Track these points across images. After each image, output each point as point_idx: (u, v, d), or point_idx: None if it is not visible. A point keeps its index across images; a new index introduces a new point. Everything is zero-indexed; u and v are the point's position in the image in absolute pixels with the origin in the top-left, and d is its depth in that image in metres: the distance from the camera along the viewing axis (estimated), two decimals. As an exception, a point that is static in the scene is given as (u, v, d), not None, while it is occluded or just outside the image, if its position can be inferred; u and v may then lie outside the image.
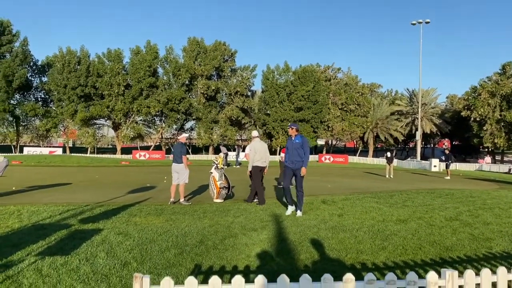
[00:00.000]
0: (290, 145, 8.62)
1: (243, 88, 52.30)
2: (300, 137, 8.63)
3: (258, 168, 10.14)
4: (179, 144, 10.75)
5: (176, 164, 10.39)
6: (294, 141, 8.59)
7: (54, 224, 7.15)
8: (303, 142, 8.56)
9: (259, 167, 10.12)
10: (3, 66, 41.70)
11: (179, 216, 8.18)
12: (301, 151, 8.50)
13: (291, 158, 8.57)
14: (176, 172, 10.39)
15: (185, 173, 10.44)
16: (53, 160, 30.54)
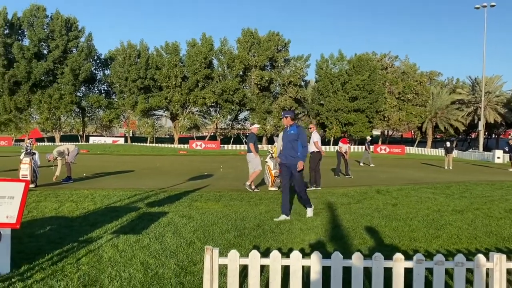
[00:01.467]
0: (285, 138, 7.50)
1: (297, 78, 52.19)
2: (295, 128, 7.34)
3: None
4: (250, 134, 11.23)
5: (248, 154, 10.84)
6: (289, 132, 7.37)
7: (124, 207, 7.83)
8: (299, 133, 7.25)
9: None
10: (70, 61, 44.53)
11: (236, 202, 8.62)
12: (296, 144, 7.21)
13: (285, 152, 7.35)
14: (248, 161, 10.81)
15: (255, 161, 10.77)
16: (116, 149, 32.43)
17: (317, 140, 11.48)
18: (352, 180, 13.87)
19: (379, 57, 57.94)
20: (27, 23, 44.10)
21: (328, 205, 8.40)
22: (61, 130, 49.87)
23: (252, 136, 11.03)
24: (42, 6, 44.74)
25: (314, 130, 12.02)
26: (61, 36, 44.75)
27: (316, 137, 11.57)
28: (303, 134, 7.29)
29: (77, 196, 8.93)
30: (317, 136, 11.65)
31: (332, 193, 10.04)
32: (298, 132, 7.25)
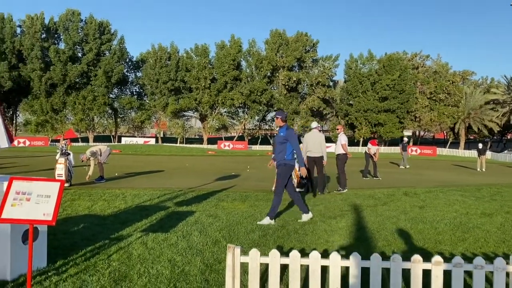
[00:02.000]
0: (276, 139, 7.19)
1: (325, 79, 51.88)
2: (285, 129, 6.94)
3: (311, 159, 10.35)
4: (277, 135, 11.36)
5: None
6: (279, 134, 7.03)
7: (154, 206, 8.09)
8: (287, 136, 6.87)
9: (311, 157, 10.31)
10: (104, 63, 45.90)
11: (262, 203, 8.73)
12: (285, 146, 6.87)
13: (275, 154, 7.12)
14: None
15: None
16: (147, 150, 33.18)
17: (344, 142, 11.48)
18: (380, 182, 13.74)
19: (410, 56, 56.84)
20: (62, 28, 45.77)
21: (353, 207, 8.40)
22: (95, 131, 51.43)
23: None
24: (77, 10, 46.34)
25: (342, 132, 12.02)
26: (94, 39, 46.19)
27: (344, 139, 11.56)
28: (292, 137, 6.92)
29: (109, 195, 9.27)
30: (345, 138, 11.65)
31: (358, 195, 10.00)
32: (286, 134, 6.89)
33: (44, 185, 3.78)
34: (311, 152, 10.33)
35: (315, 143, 10.29)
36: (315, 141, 10.33)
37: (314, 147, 10.30)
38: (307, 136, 10.57)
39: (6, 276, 3.98)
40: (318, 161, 10.33)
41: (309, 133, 10.64)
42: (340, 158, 11.37)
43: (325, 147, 10.47)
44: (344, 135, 11.76)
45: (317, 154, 10.29)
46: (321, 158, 10.31)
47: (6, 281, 3.94)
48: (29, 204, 3.65)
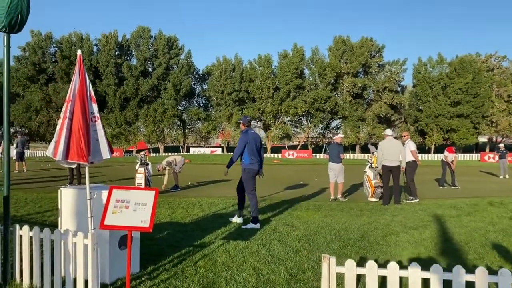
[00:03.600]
0: None
1: (392, 84, 50.25)
2: (242, 133, 7.36)
3: (387, 168, 9.95)
4: (335, 144, 11.20)
5: (333, 163, 10.86)
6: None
7: (230, 214, 8.25)
8: (240, 139, 7.28)
9: (387, 166, 9.91)
10: (172, 77, 47.98)
11: (336, 213, 8.59)
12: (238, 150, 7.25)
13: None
14: (332, 171, 10.85)
15: (331, 173, 10.88)
16: (215, 159, 34.02)
17: (413, 149, 10.98)
18: (460, 191, 12.97)
19: (484, 58, 53.39)
20: (134, 44, 48.56)
21: (435, 217, 7.99)
22: (164, 142, 53.74)
23: (339, 146, 11.05)
24: (148, 27, 49.00)
25: (408, 139, 11.52)
26: (163, 54, 48.47)
27: (412, 146, 11.08)
28: (240, 140, 7.29)
29: (187, 203, 9.60)
30: (413, 145, 11.17)
31: (439, 205, 9.51)
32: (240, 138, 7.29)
33: (141, 193, 4.00)
34: (387, 161, 9.99)
35: (394, 151, 9.96)
36: (394, 148, 10.00)
37: (392, 155, 9.96)
38: (382, 144, 10.24)
39: (105, 280, 4.25)
40: (395, 170, 9.95)
41: (385, 141, 10.30)
42: (410, 165, 10.83)
43: (405, 154, 10.12)
44: (412, 142, 11.32)
45: (394, 163, 9.93)
46: (398, 167, 9.94)
47: (106, 284, 4.21)
48: (128, 212, 3.88)
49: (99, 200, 4.27)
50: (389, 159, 9.95)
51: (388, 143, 10.12)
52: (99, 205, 4.21)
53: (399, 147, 10.01)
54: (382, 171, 10.26)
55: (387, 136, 10.31)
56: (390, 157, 9.94)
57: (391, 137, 10.27)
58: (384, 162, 10.03)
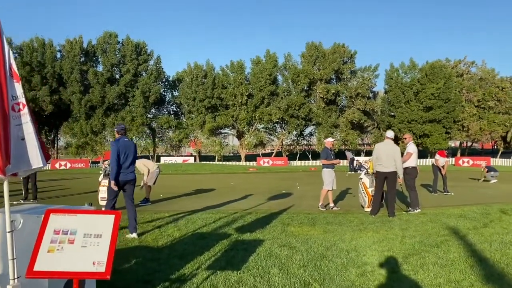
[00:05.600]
0: None
1: (365, 90, 50.02)
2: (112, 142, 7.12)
3: (380, 174, 8.93)
4: (324, 149, 10.24)
5: (330, 169, 9.87)
6: None
7: (212, 233, 6.93)
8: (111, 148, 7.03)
9: (382, 172, 8.89)
10: (141, 84, 46.02)
11: (336, 227, 7.40)
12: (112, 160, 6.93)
13: None
14: (330, 177, 9.82)
15: (326, 179, 9.89)
16: (187, 168, 32.43)
17: (412, 152, 9.92)
18: (456, 198, 12.07)
19: (453, 63, 54.14)
20: (100, 50, 46.32)
21: (451, 230, 6.93)
22: (134, 151, 51.57)
23: (325, 151, 10.05)
24: (114, 33, 46.87)
25: (411, 141, 10.40)
26: (131, 60, 46.47)
27: (412, 149, 10.01)
28: (111, 149, 7.03)
29: (159, 221, 8.21)
30: (413, 148, 10.07)
31: (446, 215, 8.49)
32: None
33: (93, 219, 2.67)
34: (382, 166, 8.88)
35: (388, 156, 8.83)
36: (388, 153, 8.87)
37: (386, 160, 8.83)
38: (378, 146, 9.16)
39: None
40: (391, 176, 8.83)
41: (381, 144, 9.23)
42: (409, 172, 9.77)
43: (401, 161, 8.95)
44: (413, 145, 10.19)
45: (389, 168, 8.80)
46: (395, 173, 8.85)
47: None
48: (73, 249, 2.54)
49: (30, 231, 2.89)
50: (383, 165, 8.86)
51: (384, 147, 9.05)
52: (30, 238, 2.83)
53: (393, 151, 8.85)
54: (376, 177, 9.19)
55: (386, 139, 9.22)
56: (384, 162, 8.86)
57: (390, 140, 9.18)
58: (379, 167, 8.95)
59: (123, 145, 6.98)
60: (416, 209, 9.27)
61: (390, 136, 9.18)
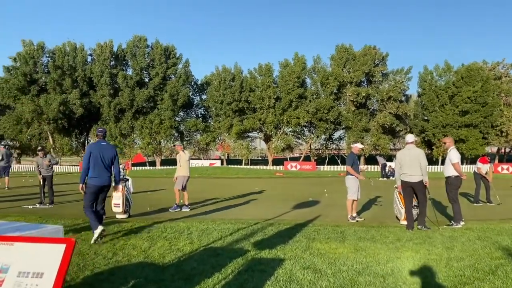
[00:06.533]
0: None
1: (397, 93, 48.27)
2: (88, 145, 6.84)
3: (407, 184, 7.98)
4: (349, 154, 9.44)
5: (346, 177, 9.03)
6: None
7: (227, 248, 6.16)
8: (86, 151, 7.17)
9: (407, 182, 7.96)
10: (169, 87, 46.00)
11: (368, 244, 6.49)
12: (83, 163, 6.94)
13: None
14: (355, 186, 8.96)
15: (352, 188, 9.05)
16: (213, 172, 31.93)
17: (457, 160, 8.74)
18: (502, 209, 10.87)
19: (490, 66, 51.67)
20: (130, 54, 46.68)
21: (506, 251, 5.89)
22: (162, 155, 51.58)
23: (350, 157, 9.16)
24: (144, 36, 47.16)
25: (452, 147, 9.16)
26: (160, 64, 46.59)
27: (455, 156, 8.80)
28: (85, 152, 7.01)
29: (172, 231, 7.52)
30: (456, 155, 8.86)
31: (496, 231, 7.42)
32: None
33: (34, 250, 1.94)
34: (406, 175, 7.95)
35: (412, 162, 7.89)
36: (411, 158, 7.92)
37: (411, 168, 7.90)
38: (400, 154, 8.24)
39: None
40: (417, 186, 7.89)
41: (403, 150, 8.31)
42: (451, 182, 8.70)
43: (426, 165, 7.92)
44: (456, 151, 9.01)
45: (415, 178, 7.86)
46: (421, 183, 7.88)
47: None
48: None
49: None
50: (408, 173, 7.92)
51: (406, 153, 8.10)
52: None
53: (419, 157, 7.89)
54: (402, 188, 8.24)
55: (407, 144, 8.25)
56: (409, 171, 7.91)
57: (412, 144, 8.20)
58: (403, 177, 8.03)
59: (99, 148, 6.84)
60: (459, 223, 8.24)
61: (411, 140, 8.24)
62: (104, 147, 6.93)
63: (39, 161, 12.05)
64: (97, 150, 6.82)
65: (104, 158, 6.83)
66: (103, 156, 6.82)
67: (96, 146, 6.90)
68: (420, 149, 8.26)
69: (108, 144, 7.08)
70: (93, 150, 6.81)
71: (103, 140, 7.07)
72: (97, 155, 6.76)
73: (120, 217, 9.23)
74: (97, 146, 6.89)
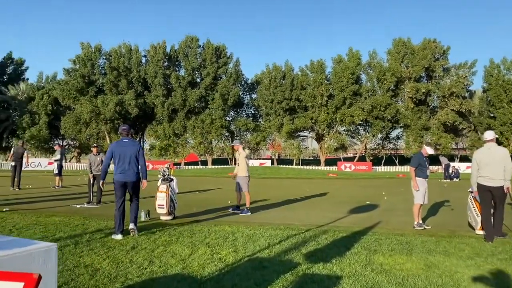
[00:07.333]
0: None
1: (460, 89, 45.13)
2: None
3: (484, 188, 6.81)
4: (415, 155, 8.48)
5: (424, 179, 8.02)
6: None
7: (274, 260, 5.42)
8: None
9: (484, 186, 6.78)
10: (220, 86, 46.05)
11: (441, 259, 5.50)
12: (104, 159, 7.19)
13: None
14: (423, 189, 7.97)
15: (417, 193, 8.04)
16: (263, 172, 31.35)
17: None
18: None
19: None
20: (182, 54, 47.27)
21: None
22: (213, 154, 51.84)
23: (416, 158, 8.21)
24: (195, 37, 47.56)
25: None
26: (211, 63, 46.76)
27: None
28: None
29: (215, 235, 6.91)
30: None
31: None
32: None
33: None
34: (485, 179, 6.81)
35: (493, 164, 6.74)
36: (493, 160, 6.76)
37: (491, 170, 6.75)
38: (478, 154, 7.06)
39: None
40: (497, 192, 6.73)
41: (482, 149, 7.09)
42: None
43: (511, 167, 6.70)
44: None
45: (496, 182, 6.71)
46: (501, 188, 6.67)
47: None
48: None
49: None
50: (488, 176, 6.75)
51: (486, 153, 6.91)
52: None
53: (503, 158, 6.72)
54: (478, 193, 7.07)
55: (487, 142, 7.03)
56: (489, 173, 6.76)
57: (493, 143, 6.98)
58: (480, 180, 6.87)
59: (121, 146, 6.99)
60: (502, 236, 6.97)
61: (491, 137, 6.98)
62: (126, 144, 7.05)
63: (92, 158, 12.01)
64: (119, 147, 6.99)
65: (127, 154, 6.94)
66: (126, 153, 6.94)
67: (117, 144, 7.08)
68: (504, 149, 7.06)
69: (130, 140, 7.20)
70: (114, 149, 7.00)
71: (126, 137, 7.17)
72: (120, 152, 6.93)
73: (165, 218, 8.80)
74: (119, 144, 7.06)
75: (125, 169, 6.92)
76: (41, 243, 2.05)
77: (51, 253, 1.99)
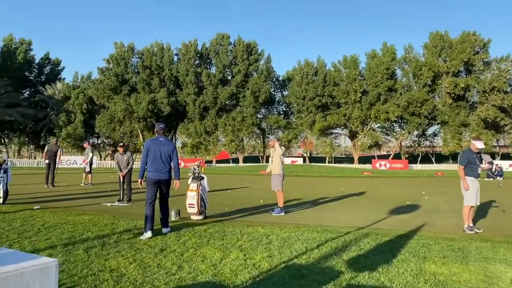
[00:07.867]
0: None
1: (502, 83, 42.90)
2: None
3: None
4: (464, 152, 7.79)
5: (475, 178, 7.33)
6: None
7: (313, 267, 4.94)
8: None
9: None
10: (251, 84, 45.69)
11: (501, 268, 4.88)
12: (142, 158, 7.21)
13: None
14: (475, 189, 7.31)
15: (467, 193, 7.38)
16: (295, 170, 30.79)
17: None
18: None
19: None
20: (213, 52, 47.22)
21: None
22: (244, 152, 51.63)
23: (465, 155, 7.51)
24: (227, 34, 47.40)
25: None
26: (242, 61, 46.46)
27: None
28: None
29: (248, 238, 6.50)
30: None
31: None
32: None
33: None
34: None
35: None
36: None
37: None
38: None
39: None
40: None
41: None
42: None
43: None
44: None
45: None
46: None
47: None
48: None
49: None
50: None
51: None
52: None
53: None
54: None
55: None
56: None
57: None
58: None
59: (155, 144, 6.95)
60: None
61: None
62: (162, 142, 7.00)
63: (119, 157, 11.91)
64: (154, 145, 6.93)
65: (162, 153, 6.90)
66: (161, 151, 6.90)
67: (153, 142, 7.02)
68: None
69: (165, 139, 7.16)
70: (150, 146, 6.95)
71: (161, 135, 7.14)
72: (154, 150, 6.88)
73: (195, 218, 8.47)
74: (154, 142, 7.01)
75: (159, 167, 6.89)
76: (39, 258, 1.68)
77: (49, 271, 1.61)
